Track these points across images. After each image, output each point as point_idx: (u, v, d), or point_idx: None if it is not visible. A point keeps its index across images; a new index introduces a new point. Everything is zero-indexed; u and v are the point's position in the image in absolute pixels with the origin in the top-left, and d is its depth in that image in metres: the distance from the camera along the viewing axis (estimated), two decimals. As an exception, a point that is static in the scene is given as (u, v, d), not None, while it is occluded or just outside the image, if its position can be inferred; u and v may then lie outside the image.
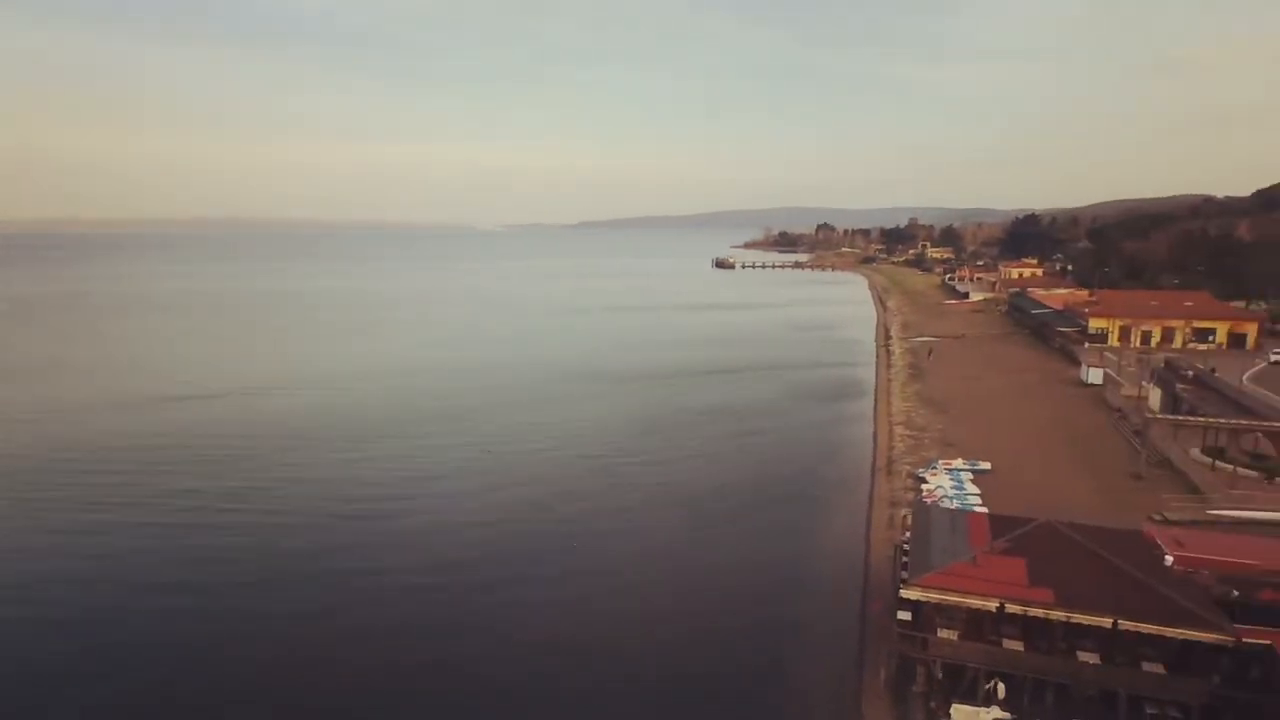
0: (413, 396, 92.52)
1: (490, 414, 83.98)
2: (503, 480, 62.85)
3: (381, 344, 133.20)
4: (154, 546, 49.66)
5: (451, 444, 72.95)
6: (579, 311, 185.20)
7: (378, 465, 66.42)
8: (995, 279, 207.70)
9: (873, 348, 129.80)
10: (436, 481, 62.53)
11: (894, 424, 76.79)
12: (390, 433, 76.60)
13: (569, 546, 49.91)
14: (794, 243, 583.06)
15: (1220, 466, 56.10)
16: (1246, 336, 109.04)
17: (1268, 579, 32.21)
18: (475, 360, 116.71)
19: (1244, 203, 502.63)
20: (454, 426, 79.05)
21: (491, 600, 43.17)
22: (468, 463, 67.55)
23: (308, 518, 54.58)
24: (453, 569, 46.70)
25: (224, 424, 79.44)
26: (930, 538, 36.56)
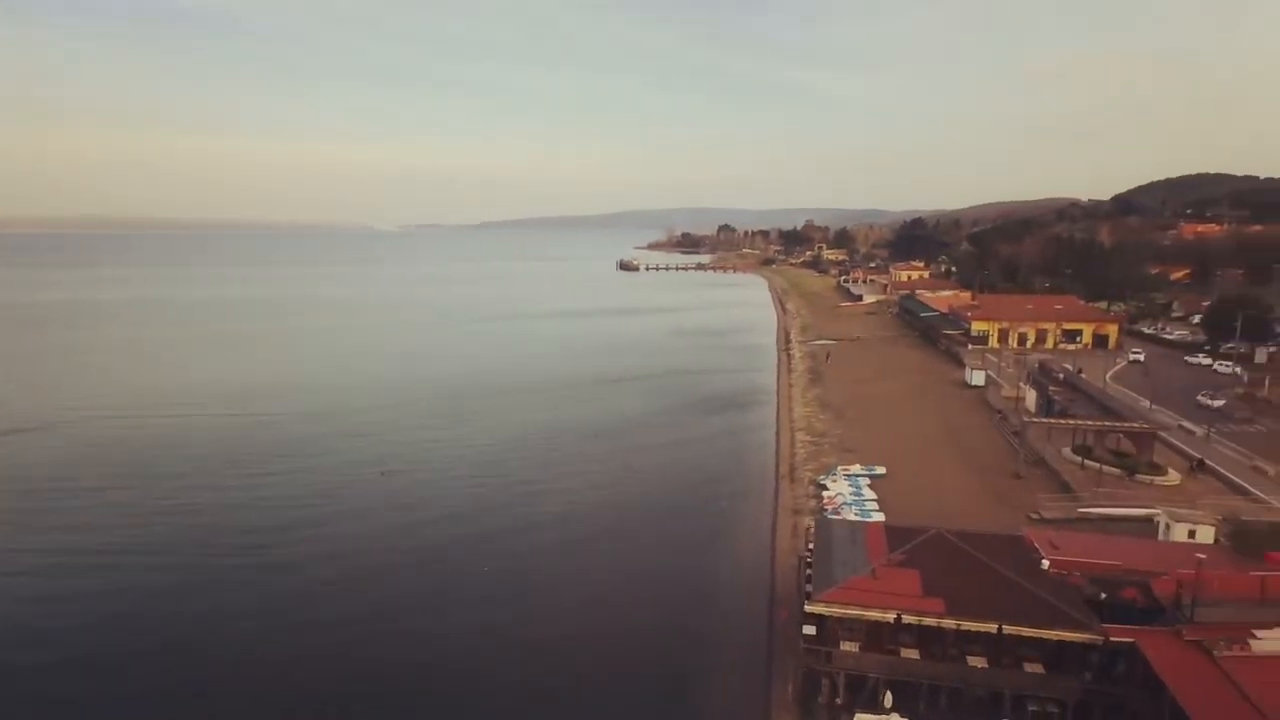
0: (293, 418, 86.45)
1: (380, 432, 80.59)
2: (404, 501, 61.07)
3: (245, 360, 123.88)
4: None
5: (344, 465, 69.98)
6: (483, 320, 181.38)
7: (259, 493, 62.54)
8: (886, 281, 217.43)
9: (774, 352, 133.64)
10: (330, 507, 59.81)
11: (795, 430, 79.32)
12: (274, 458, 71.93)
13: (480, 570, 49.25)
14: (696, 244, 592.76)
15: (1088, 465, 60.76)
16: (1109, 337, 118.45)
17: (1129, 578, 35.21)
18: (358, 376, 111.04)
19: (1105, 206, 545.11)
20: (345, 446, 75.89)
21: (396, 629, 42.15)
22: (365, 485, 65.04)
23: (180, 556, 50.98)
24: (353, 598, 45.27)
25: (82, 453, 73.18)
26: (832, 552, 38.10)
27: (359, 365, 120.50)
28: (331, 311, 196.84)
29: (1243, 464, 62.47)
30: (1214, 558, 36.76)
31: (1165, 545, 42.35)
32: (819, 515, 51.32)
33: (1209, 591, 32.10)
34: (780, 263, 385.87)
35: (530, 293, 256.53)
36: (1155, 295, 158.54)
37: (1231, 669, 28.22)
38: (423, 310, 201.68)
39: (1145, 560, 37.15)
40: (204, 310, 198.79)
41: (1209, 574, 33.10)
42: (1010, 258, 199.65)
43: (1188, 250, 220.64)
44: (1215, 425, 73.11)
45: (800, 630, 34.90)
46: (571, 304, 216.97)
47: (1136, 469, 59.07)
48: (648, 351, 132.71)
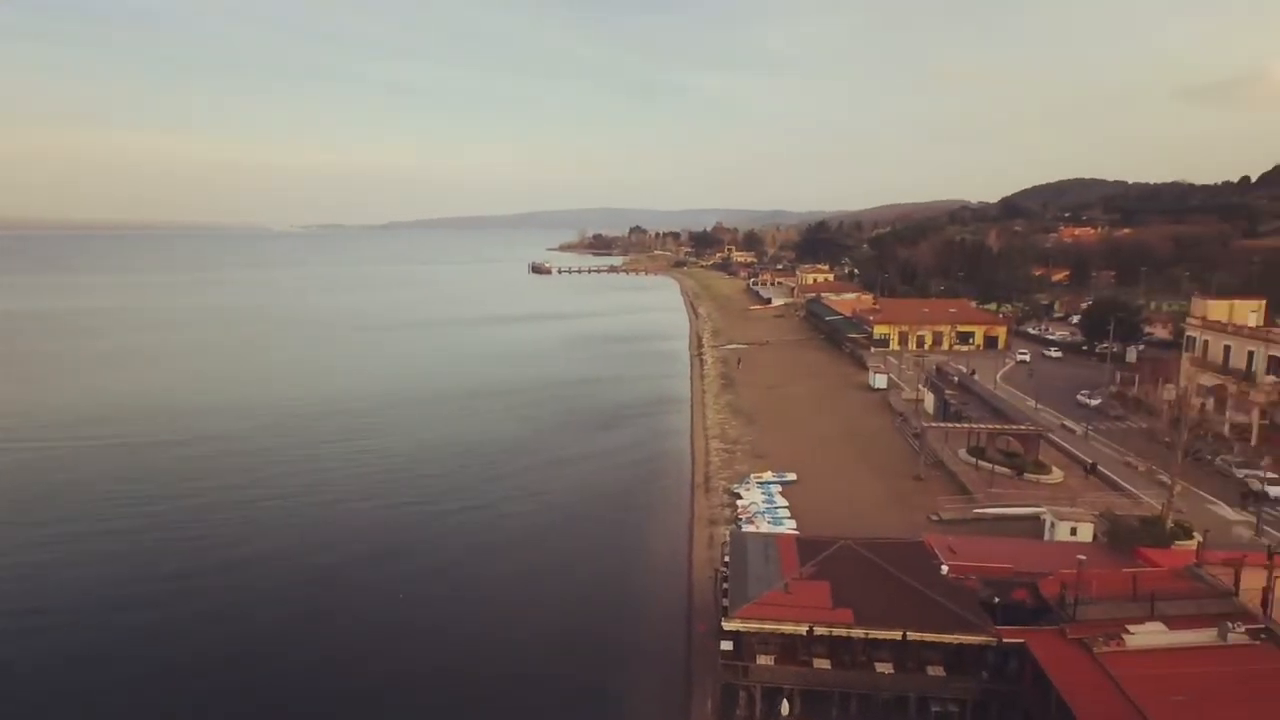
0: (149, 445, 79.20)
1: (272, 455, 76.40)
2: (296, 530, 58.28)
3: (89, 381, 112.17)
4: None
5: (232, 496, 65.22)
6: (383, 329, 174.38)
7: (109, 533, 56.97)
8: (794, 284, 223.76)
9: (687, 357, 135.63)
10: (207, 540, 56.86)
11: (709, 437, 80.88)
12: (121, 490, 65.87)
13: (395, 597, 48.22)
14: (609, 245, 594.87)
15: (982, 466, 64.47)
16: (998, 339, 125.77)
17: (1019, 580, 37.71)
18: (231, 395, 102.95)
19: (993, 209, 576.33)
20: (230, 475, 70.36)
21: (291, 662, 40.87)
22: (246, 512, 61.45)
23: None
24: (243, 639, 43.46)
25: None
26: (746, 566, 39.20)
27: (234, 383, 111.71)
28: (202, 323, 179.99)
29: (1117, 460, 67.63)
30: (1093, 556, 39.80)
31: (1051, 545, 45.52)
32: (733, 527, 52.60)
33: (1088, 590, 34.72)
34: (691, 265, 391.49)
35: (437, 298, 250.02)
36: (1039, 297, 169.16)
37: (1108, 664, 30.65)
38: (313, 320, 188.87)
39: (1033, 561, 39.84)
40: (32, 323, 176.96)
41: (1088, 573, 35.81)
42: (908, 261, 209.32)
43: (1067, 253, 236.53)
44: (1092, 423, 78.86)
45: (718, 645, 35.86)
46: (481, 310, 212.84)
47: (1024, 469, 63.08)
48: (561, 359, 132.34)
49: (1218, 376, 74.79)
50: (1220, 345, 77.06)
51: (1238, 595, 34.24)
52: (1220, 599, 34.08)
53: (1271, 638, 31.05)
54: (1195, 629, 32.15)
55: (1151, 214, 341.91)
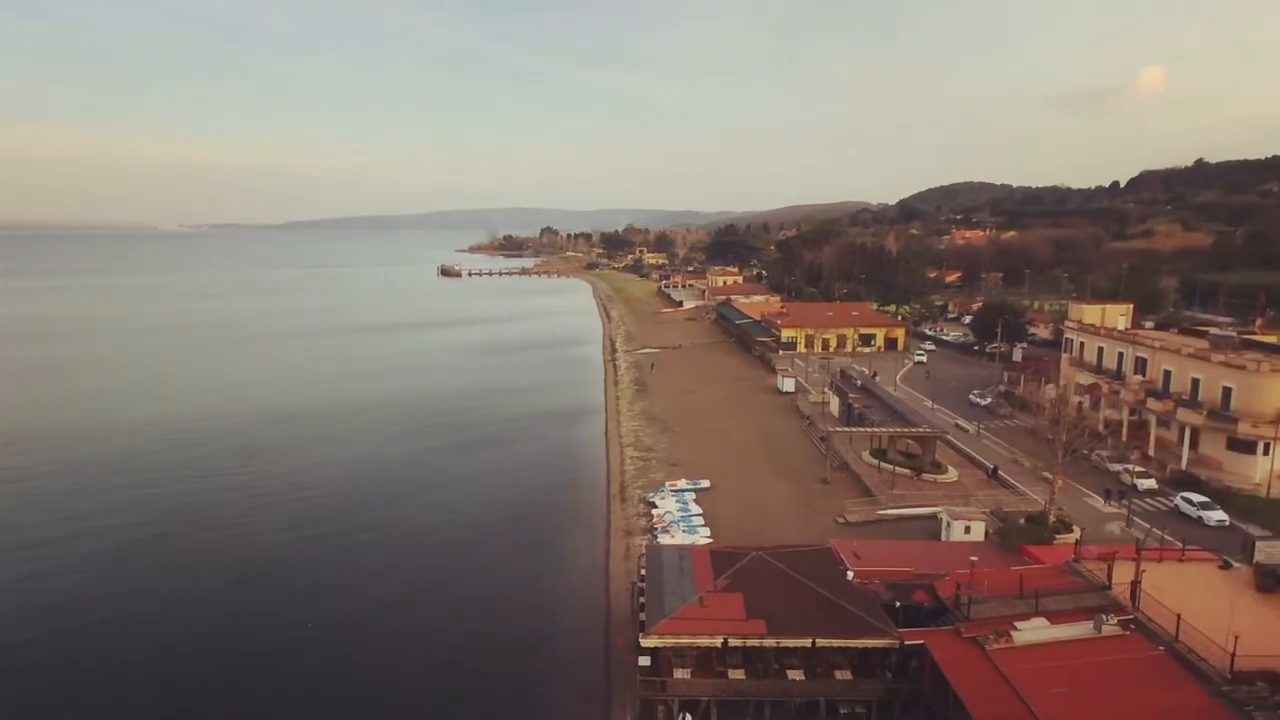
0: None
1: (137, 482, 71.11)
2: (187, 562, 55.27)
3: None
4: None
5: (100, 527, 60.43)
6: (281, 338, 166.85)
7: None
8: (705, 286, 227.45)
9: (600, 363, 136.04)
10: (120, 565, 54.47)
11: (624, 445, 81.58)
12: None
13: (302, 627, 46.70)
14: (520, 246, 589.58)
15: (884, 467, 67.47)
16: (898, 340, 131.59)
17: (919, 582, 39.87)
18: (108, 415, 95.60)
19: (892, 211, 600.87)
20: (93, 505, 65.12)
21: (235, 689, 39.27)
22: (142, 549, 57.69)
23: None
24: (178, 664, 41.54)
25: None
26: (662, 581, 39.96)
27: (87, 403, 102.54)
28: (53, 336, 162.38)
29: (1006, 458, 72.01)
30: (984, 555, 42.39)
31: (947, 546, 48.17)
32: (650, 541, 53.36)
33: (980, 590, 37.02)
34: (603, 266, 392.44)
35: (338, 304, 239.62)
36: (934, 298, 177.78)
37: (998, 660, 32.84)
38: (199, 328, 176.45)
39: (931, 563, 42.13)
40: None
41: (980, 574, 38.19)
42: (813, 263, 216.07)
43: (959, 255, 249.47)
44: (984, 422, 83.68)
45: (636, 660, 36.46)
46: (387, 316, 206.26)
47: (923, 469, 66.44)
48: (471, 368, 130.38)
49: (1093, 376, 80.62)
50: (1094, 347, 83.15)
51: (1110, 588, 37.22)
52: (1095, 593, 36.97)
53: (1140, 628, 33.92)
54: (1073, 622, 34.77)
55: (1034, 217, 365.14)
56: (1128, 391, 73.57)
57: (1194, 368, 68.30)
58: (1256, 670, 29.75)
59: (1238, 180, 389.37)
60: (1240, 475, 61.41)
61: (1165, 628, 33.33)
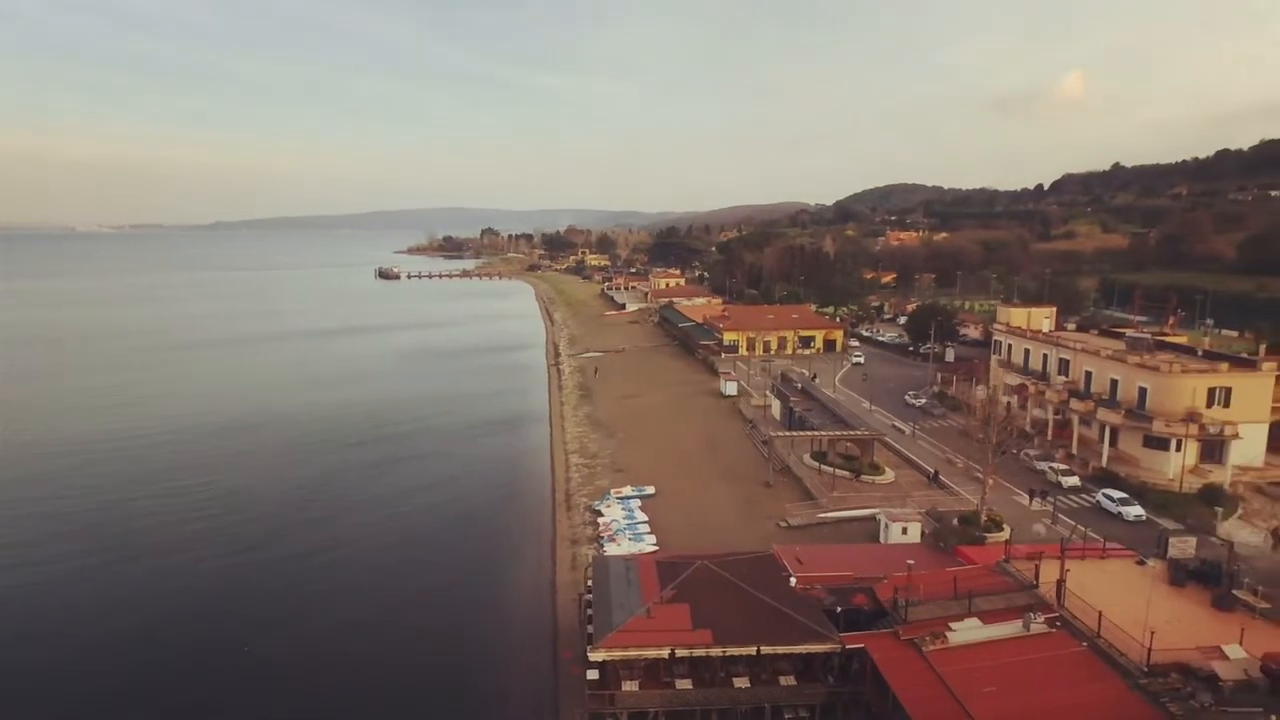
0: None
1: (50, 503, 67.88)
2: (117, 590, 53.47)
3: None
4: None
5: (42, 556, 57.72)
6: (212, 346, 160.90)
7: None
8: (647, 289, 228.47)
9: (544, 367, 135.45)
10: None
11: (569, 452, 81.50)
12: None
13: (239, 650, 45.43)
14: (460, 248, 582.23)
15: (824, 470, 69.00)
16: (836, 342, 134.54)
17: (859, 586, 41.00)
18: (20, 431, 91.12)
19: (829, 212, 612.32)
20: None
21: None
22: (60, 574, 55.27)
23: None
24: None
25: None
26: (609, 592, 40.19)
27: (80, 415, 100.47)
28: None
29: (940, 458, 74.43)
30: (920, 557, 43.88)
31: (885, 549, 49.59)
32: (596, 550, 53.56)
33: (917, 592, 38.32)
34: (545, 268, 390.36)
35: (271, 309, 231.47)
36: (870, 300, 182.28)
37: (934, 661, 34.06)
38: (117, 337, 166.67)
39: (870, 566, 43.35)
40: None
41: (916, 576, 39.55)
42: (754, 265, 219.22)
43: (893, 256, 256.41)
44: (919, 422, 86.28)
45: (584, 673, 36.61)
46: (323, 322, 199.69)
47: (861, 471, 68.19)
48: (413, 375, 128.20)
49: (1020, 377, 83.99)
50: (1021, 349, 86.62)
51: (1038, 587, 38.95)
52: (1024, 592, 38.64)
53: (1065, 625, 35.61)
54: (1004, 621, 36.27)
55: (964, 218, 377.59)
56: (1052, 392, 76.86)
57: (1112, 369, 71.80)
58: (1170, 663, 31.57)
59: (1151, 184, 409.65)
60: (1155, 471, 64.81)
61: (1088, 624, 35.07)
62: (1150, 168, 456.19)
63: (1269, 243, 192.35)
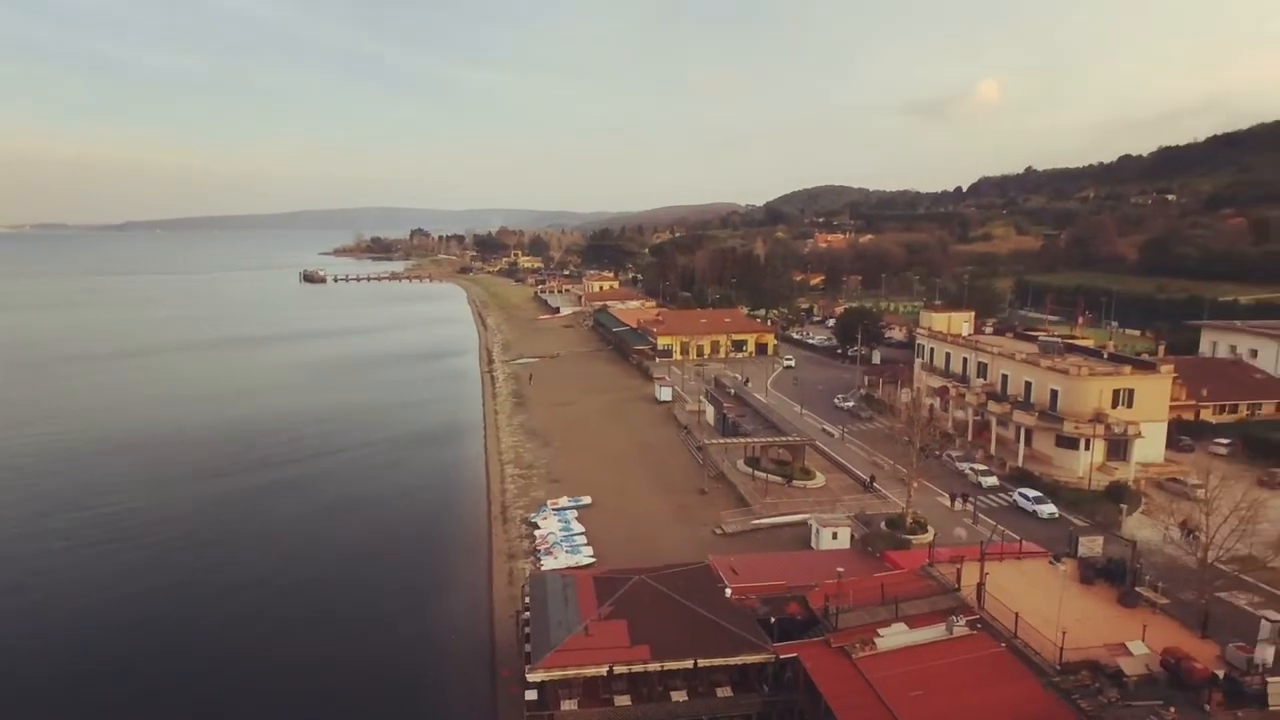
0: None
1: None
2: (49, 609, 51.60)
3: None
4: None
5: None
6: (113, 358, 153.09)
7: None
8: (581, 291, 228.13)
9: (478, 374, 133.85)
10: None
11: (504, 463, 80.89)
12: None
13: (166, 687, 43.68)
14: (388, 249, 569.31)
15: (757, 475, 70.36)
16: (768, 345, 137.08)
17: (792, 595, 42.06)
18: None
19: (759, 213, 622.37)
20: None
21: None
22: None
23: None
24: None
25: None
26: (547, 611, 40.17)
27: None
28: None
29: (867, 460, 76.75)
30: (849, 564, 45.20)
31: (816, 556, 50.86)
32: (533, 566, 53.46)
33: (846, 599, 39.54)
34: (478, 270, 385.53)
35: (187, 316, 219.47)
36: (800, 302, 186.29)
37: (864, 667, 35.23)
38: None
39: (802, 574, 44.52)
40: None
41: (846, 583, 40.80)
42: (687, 267, 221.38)
43: (821, 258, 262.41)
44: (847, 425, 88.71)
45: (523, 693, 36.53)
46: (244, 329, 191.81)
47: (793, 476, 69.79)
48: (340, 386, 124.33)
49: (942, 380, 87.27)
50: (943, 352, 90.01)
51: (960, 589, 40.67)
52: (947, 595, 40.29)
53: (985, 627, 37.29)
54: (929, 625, 37.74)
55: (888, 220, 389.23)
56: (972, 394, 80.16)
57: (1026, 372, 75.35)
58: (1080, 660, 33.46)
59: (1061, 186, 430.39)
60: (1067, 470, 68.34)
61: (1006, 625, 36.80)
62: (1060, 171, 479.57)
63: (1166, 245, 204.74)
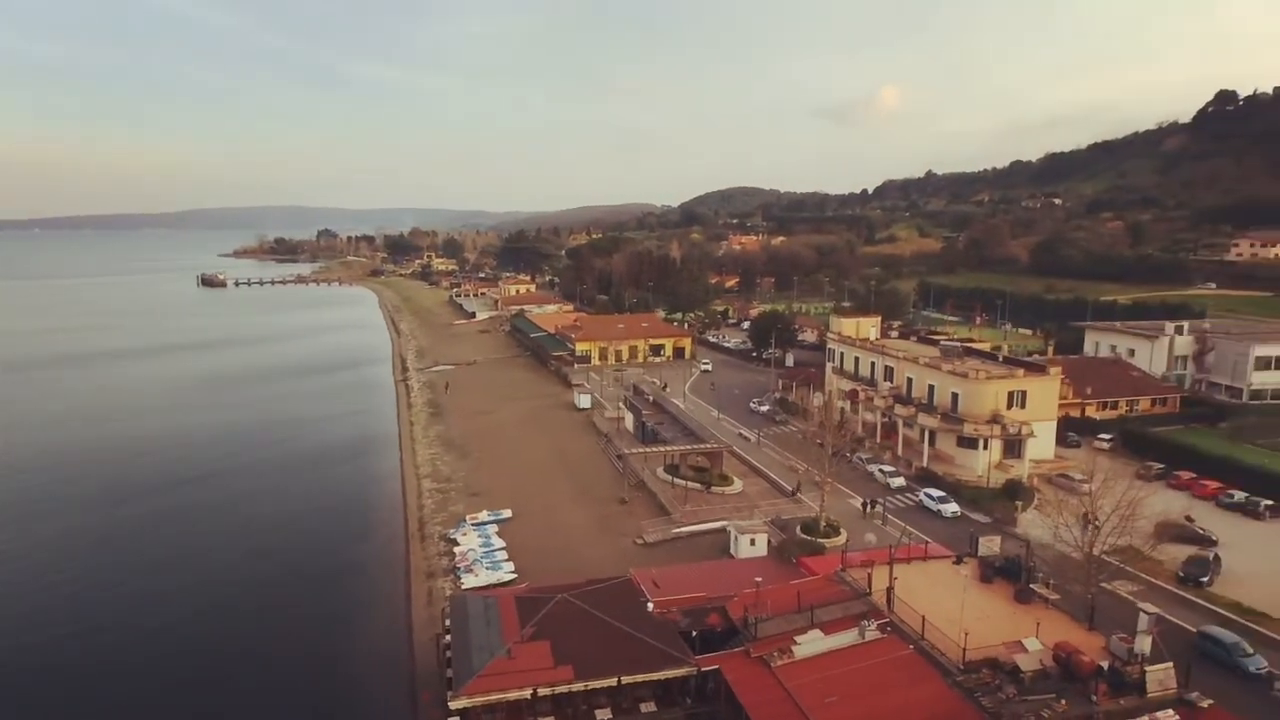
0: None
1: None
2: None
3: None
4: None
5: None
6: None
7: None
8: (497, 295, 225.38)
9: (391, 384, 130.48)
10: None
11: (421, 477, 79.28)
12: None
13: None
14: (294, 251, 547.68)
15: (677, 483, 71.28)
16: (685, 349, 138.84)
17: (712, 606, 42.88)
18: None
19: (675, 214, 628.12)
20: None
21: None
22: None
23: None
24: None
25: None
26: (469, 634, 39.73)
27: None
28: None
29: (782, 464, 78.80)
30: (767, 572, 46.42)
31: (735, 565, 51.97)
32: (453, 584, 52.71)
33: (764, 608, 40.64)
34: (389, 273, 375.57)
35: (76, 325, 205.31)
36: (715, 305, 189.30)
37: (782, 676, 36.32)
38: None
39: (722, 584, 45.43)
40: None
41: (764, 592, 41.92)
42: (604, 271, 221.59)
43: (736, 260, 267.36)
44: (763, 429, 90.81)
45: (445, 718, 36.03)
46: (137, 340, 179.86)
47: (711, 482, 71.01)
48: (242, 401, 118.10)
49: (852, 383, 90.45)
50: (852, 356, 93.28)
51: (870, 594, 42.39)
52: (859, 600, 41.94)
53: (895, 630, 39.01)
54: (842, 631, 39.20)
55: (799, 222, 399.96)
56: (879, 397, 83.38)
57: (929, 375, 78.95)
58: (982, 659, 35.45)
59: (959, 190, 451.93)
60: (968, 469, 71.99)
61: (914, 627, 38.63)
62: (958, 175, 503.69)
63: (1053, 247, 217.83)
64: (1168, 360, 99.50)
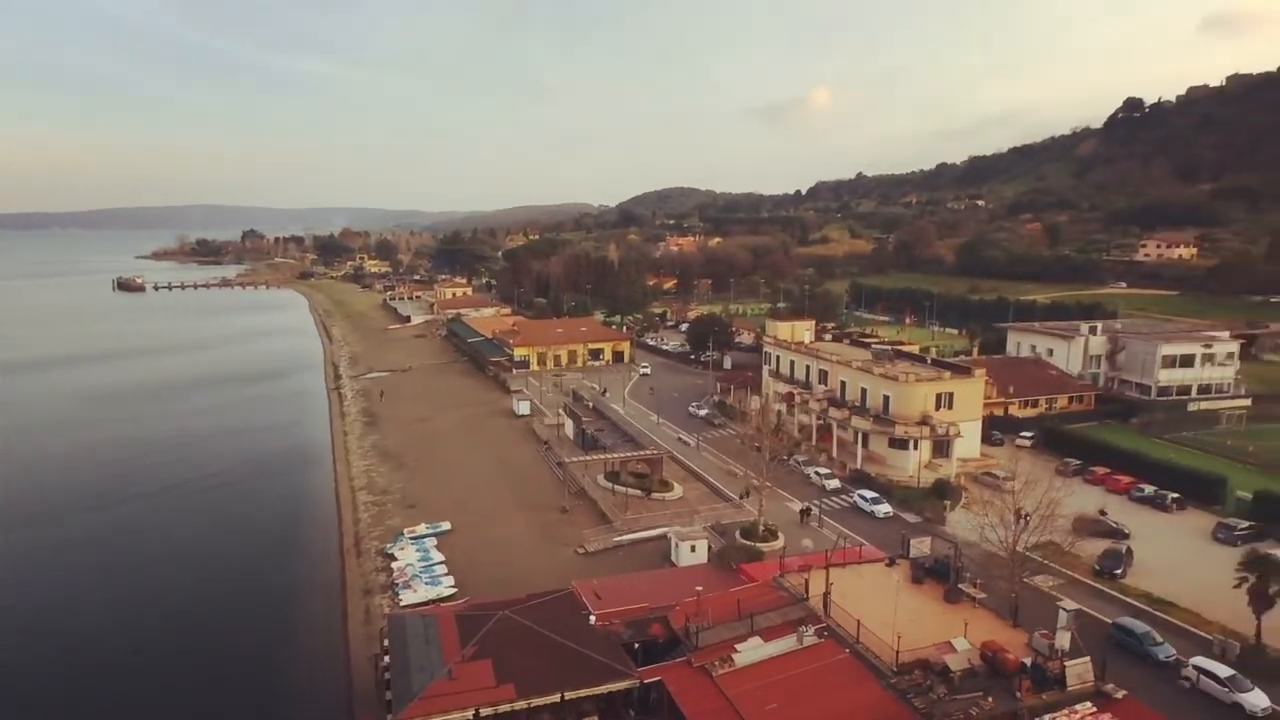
0: None
1: None
2: None
3: None
4: None
5: None
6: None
7: None
8: (433, 299, 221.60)
9: (324, 393, 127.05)
10: None
11: (356, 489, 77.58)
12: None
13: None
14: (217, 252, 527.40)
15: (618, 490, 71.43)
16: (624, 353, 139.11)
17: (654, 616, 43.22)
18: None
19: (612, 214, 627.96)
20: None
21: None
22: None
23: None
24: None
25: None
26: (408, 654, 39.11)
27: None
28: None
29: (720, 468, 79.75)
30: (707, 580, 47.07)
31: (676, 574, 52.35)
32: (391, 602, 51.76)
33: (706, 617, 41.19)
34: (320, 276, 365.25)
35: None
36: (653, 307, 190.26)
37: (724, 685, 36.90)
38: None
39: (663, 594, 45.78)
40: None
41: (705, 601, 42.50)
42: (541, 273, 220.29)
43: (673, 262, 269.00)
44: (702, 433, 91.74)
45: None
46: (45, 348, 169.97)
47: (651, 489, 71.42)
48: (162, 414, 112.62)
49: (788, 386, 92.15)
50: (788, 360, 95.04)
51: (808, 599, 43.35)
52: (797, 606, 42.85)
53: (831, 634, 40.01)
54: (781, 637, 40.02)
55: (735, 224, 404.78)
56: (814, 400, 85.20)
57: (862, 379, 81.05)
58: (913, 661, 36.67)
59: (888, 192, 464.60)
60: (899, 469, 74.20)
61: (850, 631, 39.72)
62: (888, 177, 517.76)
63: (977, 248, 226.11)
64: (1083, 359, 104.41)
